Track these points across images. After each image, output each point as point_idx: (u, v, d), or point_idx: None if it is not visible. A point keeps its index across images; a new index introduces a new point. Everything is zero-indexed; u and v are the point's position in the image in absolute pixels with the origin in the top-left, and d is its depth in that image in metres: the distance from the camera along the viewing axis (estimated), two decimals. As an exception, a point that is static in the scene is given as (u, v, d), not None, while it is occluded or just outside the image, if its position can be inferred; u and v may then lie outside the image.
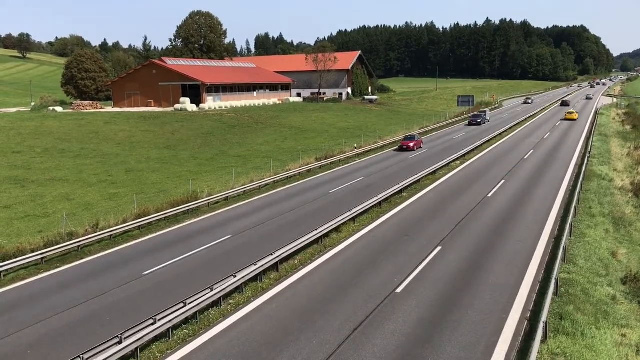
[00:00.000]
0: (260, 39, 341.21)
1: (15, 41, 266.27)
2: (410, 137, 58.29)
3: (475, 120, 78.88)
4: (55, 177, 42.69)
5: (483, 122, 79.29)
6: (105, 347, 15.06)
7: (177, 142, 61.02)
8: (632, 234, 28.36)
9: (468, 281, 20.38)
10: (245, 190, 36.91)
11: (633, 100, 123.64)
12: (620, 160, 49.30)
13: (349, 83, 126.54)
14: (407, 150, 54.97)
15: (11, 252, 23.78)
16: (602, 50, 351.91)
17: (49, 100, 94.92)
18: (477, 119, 79.42)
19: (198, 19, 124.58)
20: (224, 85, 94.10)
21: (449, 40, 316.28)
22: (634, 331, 17.28)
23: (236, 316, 18.18)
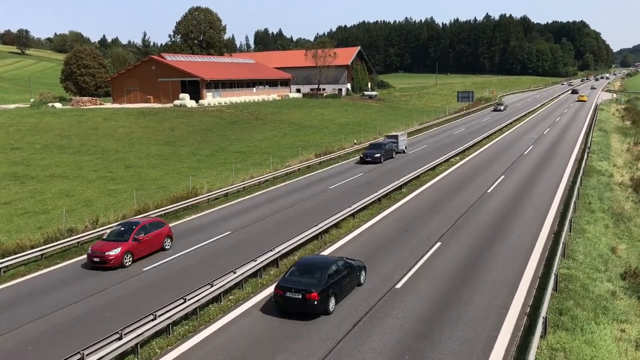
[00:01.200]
0: (260, 34, 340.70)
1: (14, 37, 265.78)
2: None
3: (372, 156, 45.74)
4: (55, 173, 42.66)
5: (386, 156, 46.96)
6: (105, 343, 15.08)
7: (176, 138, 60.95)
8: (632, 230, 28.39)
9: (468, 277, 20.40)
10: (244, 187, 36.89)
11: (633, 96, 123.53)
12: (620, 156, 49.30)
13: (349, 79, 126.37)
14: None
15: (11, 249, 23.77)
16: (601, 45, 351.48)
17: (48, 96, 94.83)
18: (375, 152, 45.99)
19: (197, 15, 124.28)
20: (224, 81, 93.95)
21: (449, 36, 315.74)
22: (633, 326, 17.30)
23: (236, 312, 18.19)
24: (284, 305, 17.64)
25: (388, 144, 48.21)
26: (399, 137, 50.92)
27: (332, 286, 17.65)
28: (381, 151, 46.03)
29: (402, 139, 51.73)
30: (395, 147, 49.35)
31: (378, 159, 45.27)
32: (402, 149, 51.07)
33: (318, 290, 17.17)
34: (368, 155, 45.75)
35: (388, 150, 47.30)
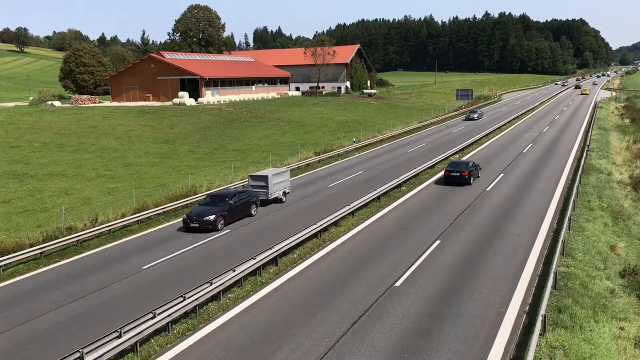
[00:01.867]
0: (259, 32, 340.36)
1: (13, 35, 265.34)
2: None
3: (200, 217, 27.18)
4: (54, 171, 42.63)
5: (233, 215, 28.54)
6: (104, 341, 15.07)
7: (175, 137, 60.92)
8: (631, 228, 28.41)
9: (467, 275, 20.41)
10: (243, 185, 36.84)
11: (632, 94, 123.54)
12: (619, 154, 49.31)
13: (348, 77, 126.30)
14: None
15: (10, 247, 23.76)
16: (601, 43, 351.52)
17: (47, 94, 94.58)
18: (207, 212, 27.43)
19: (196, 13, 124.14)
20: (223, 80, 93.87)
21: (448, 34, 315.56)
22: (632, 324, 17.32)
23: (235, 310, 18.19)
24: (451, 180, 35.50)
25: (243, 195, 29.53)
26: (269, 179, 31.04)
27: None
28: (221, 209, 27.52)
29: (277, 180, 31.94)
30: (264, 195, 31.07)
31: (208, 224, 26.79)
32: (278, 195, 32.00)
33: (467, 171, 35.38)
34: (194, 217, 27.04)
35: (238, 206, 28.66)
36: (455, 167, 35.94)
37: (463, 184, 35.58)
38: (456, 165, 36.41)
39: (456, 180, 35.24)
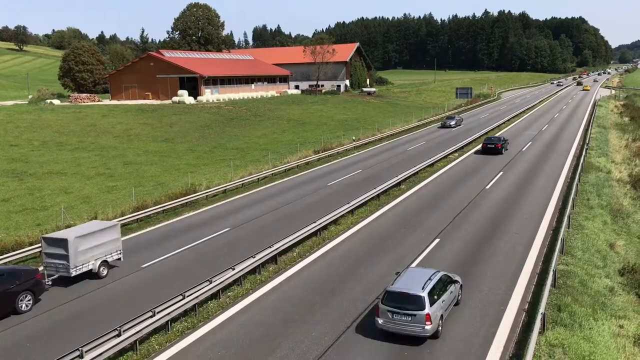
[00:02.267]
0: (258, 31, 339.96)
1: (11, 33, 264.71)
2: None
3: None
4: (53, 170, 42.60)
5: None
6: (104, 339, 15.08)
7: (175, 135, 60.88)
8: (630, 226, 28.43)
9: (466, 273, 20.41)
10: (243, 183, 36.88)
11: (631, 92, 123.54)
12: (619, 152, 49.32)
13: (347, 75, 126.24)
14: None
15: (9, 246, 23.76)
16: (600, 41, 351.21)
17: (46, 93, 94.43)
18: None
19: (195, 11, 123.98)
20: (222, 78, 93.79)
21: (447, 32, 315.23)
22: (631, 322, 17.34)
23: (235, 309, 18.21)
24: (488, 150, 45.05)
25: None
26: (70, 245, 19.91)
27: None
28: None
29: (89, 244, 20.75)
30: (64, 270, 20.23)
31: None
32: (93, 267, 20.83)
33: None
34: None
35: None
36: (491, 141, 47.75)
37: (497, 154, 46.37)
38: (491, 139, 48.27)
39: (492, 150, 46.76)
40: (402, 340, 15.53)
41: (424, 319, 15.03)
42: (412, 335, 15.32)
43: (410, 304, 15.28)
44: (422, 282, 15.88)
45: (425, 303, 15.12)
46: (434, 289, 15.78)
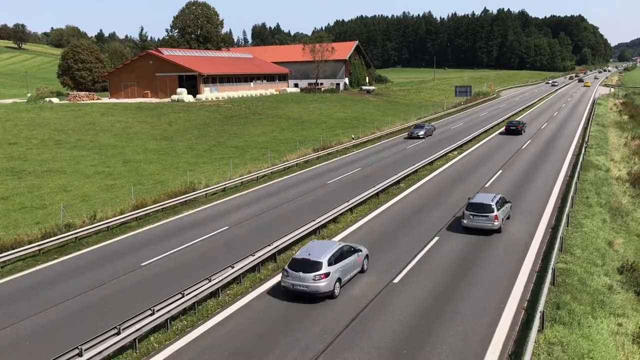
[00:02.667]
0: (257, 29, 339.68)
1: (10, 32, 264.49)
2: None
3: None
4: (52, 168, 42.56)
5: None
6: (103, 338, 15.08)
7: (174, 133, 60.84)
8: (629, 224, 28.45)
9: (466, 271, 20.43)
10: (242, 181, 36.86)
11: (630, 90, 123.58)
12: (618, 150, 49.34)
13: (347, 73, 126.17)
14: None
15: (8, 244, 23.73)
16: (599, 40, 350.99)
17: (45, 91, 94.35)
18: None
19: (194, 9, 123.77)
20: (221, 76, 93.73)
21: (447, 30, 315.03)
22: (630, 320, 17.36)
23: (234, 307, 18.21)
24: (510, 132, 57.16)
25: None
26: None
27: None
28: None
29: None
30: None
31: None
32: None
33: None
34: None
35: None
36: (512, 124, 59.51)
37: (517, 134, 57.39)
38: (512, 123, 60.04)
39: (513, 132, 58.08)
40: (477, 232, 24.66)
41: (494, 218, 24.30)
42: (487, 229, 24.47)
43: (485, 210, 24.47)
44: (490, 197, 25.38)
45: (494, 209, 24.38)
46: (497, 203, 24.98)
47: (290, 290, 18.29)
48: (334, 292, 18.20)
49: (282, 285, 18.63)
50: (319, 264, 18.02)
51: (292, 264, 18.47)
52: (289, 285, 18.24)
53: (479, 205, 24.73)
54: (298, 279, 17.99)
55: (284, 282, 18.43)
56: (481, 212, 24.41)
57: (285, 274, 18.39)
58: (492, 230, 24.40)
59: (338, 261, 18.58)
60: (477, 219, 24.49)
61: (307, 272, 17.91)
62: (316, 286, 17.78)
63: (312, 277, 17.81)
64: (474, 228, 24.53)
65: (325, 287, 17.89)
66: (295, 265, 18.34)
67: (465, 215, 24.88)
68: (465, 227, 24.84)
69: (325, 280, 17.85)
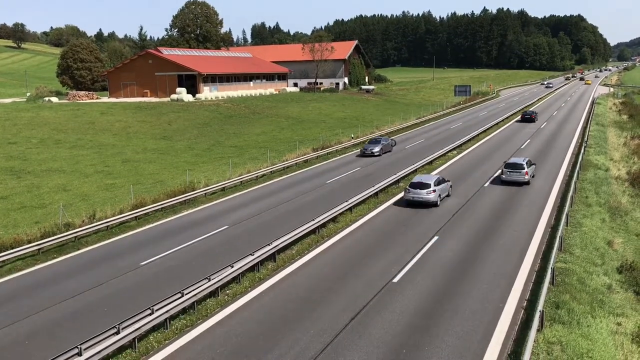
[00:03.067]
0: (257, 28, 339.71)
1: (9, 31, 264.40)
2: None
3: None
4: (52, 167, 42.55)
5: None
6: (103, 337, 15.07)
7: (173, 133, 60.83)
8: (628, 224, 28.46)
9: (465, 270, 20.44)
10: (242, 181, 36.86)
11: (629, 90, 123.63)
12: (617, 150, 49.36)
13: (346, 73, 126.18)
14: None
15: (8, 243, 23.73)
16: (599, 39, 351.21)
17: (45, 90, 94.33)
18: None
19: (194, 9, 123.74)
20: (221, 75, 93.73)
21: (446, 30, 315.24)
22: (630, 320, 17.37)
23: (234, 306, 18.21)
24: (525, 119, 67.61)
25: None
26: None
27: None
28: None
29: None
30: None
31: None
32: None
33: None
34: None
35: None
36: (527, 113, 69.49)
37: (531, 122, 66.86)
38: (527, 112, 69.93)
39: (528, 120, 67.80)
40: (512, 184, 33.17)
41: (524, 173, 33.30)
42: (519, 182, 33.50)
43: (518, 168, 33.55)
44: (522, 159, 34.68)
45: (525, 167, 33.44)
46: (527, 163, 34.07)
47: (410, 201, 29.08)
48: (437, 202, 29.01)
49: (404, 199, 29.66)
50: (430, 184, 28.92)
51: (412, 185, 29.29)
52: (410, 198, 29.09)
53: (513, 164, 33.79)
54: (417, 194, 28.76)
55: (407, 196, 29.30)
56: (515, 169, 33.30)
57: (408, 191, 29.28)
58: (523, 183, 33.27)
59: (438, 185, 29.32)
60: (512, 174, 33.34)
61: (423, 189, 28.75)
62: (428, 197, 28.60)
63: (426, 192, 28.68)
64: (510, 181, 33.43)
65: (434, 198, 28.69)
66: (414, 185, 29.12)
67: (504, 172, 33.87)
68: (503, 181, 33.75)
69: (434, 194, 28.68)
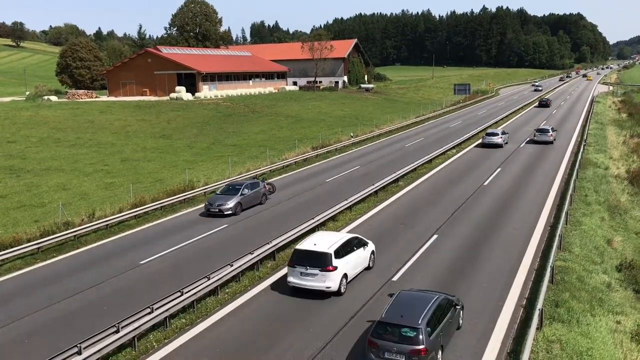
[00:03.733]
0: (256, 27, 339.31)
1: (8, 30, 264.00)
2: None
3: None
4: (51, 166, 42.53)
5: None
6: (102, 336, 15.07)
7: (172, 131, 60.80)
8: (628, 222, 28.48)
9: (464, 269, 20.45)
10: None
11: (629, 88, 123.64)
12: (616, 148, 49.37)
13: (345, 71, 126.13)
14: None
15: (7, 242, 23.73)
16: (598, 38, 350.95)
17: (44, 89, 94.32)
18: None
19: (193, 7, 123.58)
20: (220, 74, 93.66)
21: (446, 28, 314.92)
22: (629, 318, 17.39)
23: (233, 305, 18.21)
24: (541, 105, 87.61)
25: None
26: None
27: None
28: None
29: None
30: None
31: None
32: None
33: None
34: None
35: None
36: (543, 100, 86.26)
37: (547, 107, 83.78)
38: (543, 99, 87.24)
39: (544, 105, 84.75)
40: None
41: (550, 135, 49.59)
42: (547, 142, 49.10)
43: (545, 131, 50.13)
44: (549, 126, 53.85)
45: (550, 130, 50.30)
46: (552, 129, 51.13)
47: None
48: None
49: None
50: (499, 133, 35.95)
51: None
52: None
53: (542, 129, 49.89)
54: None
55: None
56: (543, 132, 49.21)
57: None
58: (549, 142, 48.45)
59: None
60: (541, 136, 48.90)
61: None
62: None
63: None
64: (540, 141, 48.58)
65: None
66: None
67: (536, 134, 49.49)
68: (534, 141, 48.80)
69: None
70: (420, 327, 13.37)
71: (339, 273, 18.06)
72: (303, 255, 18.35)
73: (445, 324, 14.35)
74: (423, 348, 13.13)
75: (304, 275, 18.22)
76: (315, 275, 17.94)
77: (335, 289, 17.94)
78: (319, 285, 17.98)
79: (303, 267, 18.14)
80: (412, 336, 13.28)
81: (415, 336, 13.25)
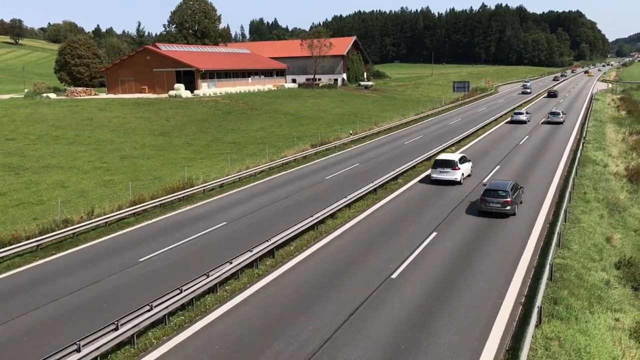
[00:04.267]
0: (255, 24, 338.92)
1: (7, 27, 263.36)
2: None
3: None
4: (50, 164, 42.48)
5: None
6: (101, 333, 15.07)
7: (171, 129, 60.75)
8: (626, 219, 28.52)
9: (463, 267, 20.46)
10: (240, 177, 36.83)
11: (628, 86, 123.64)
12: (615, 146, 49.40)
13: (344, 69, 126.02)
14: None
15: (6, 240, 23.69)
16: (597, 35, 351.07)
17: (42, 86, 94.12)
18: None
19: (192, 5, 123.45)
20: (219, 71, 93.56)
21: (445, 26, 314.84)
22: (627, 315, 17.42)
23: (232, 302, 18.22)
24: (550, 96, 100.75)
25: None
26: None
27: None
28: None
29: None
30: None
31: None
32: None
33: None
34: None
35: None
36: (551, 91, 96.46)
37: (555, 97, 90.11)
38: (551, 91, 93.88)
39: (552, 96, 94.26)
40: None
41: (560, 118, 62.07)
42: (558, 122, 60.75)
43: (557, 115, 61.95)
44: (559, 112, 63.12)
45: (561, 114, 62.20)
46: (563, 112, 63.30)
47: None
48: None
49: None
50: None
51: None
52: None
53: (554, 112, 60.94)
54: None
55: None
56: (555, 115, 60.41)
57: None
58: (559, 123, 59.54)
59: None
60: (554, 117, 60.24)
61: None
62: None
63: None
64: (552, 122, 59.64)
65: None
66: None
67: (549, 116, 60.26)
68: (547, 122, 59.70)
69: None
70: (508, 190, 26.12)
71: (460, 172, 32.70)
72: (441, 162, 33.15)
73: (517, 193, 27.04)
74: (510, 200, 25.77)
75: (441, 173, 32.74)
76: (448, 172, 32.61)
77: (459, 180, 32.65)
78: (450, 177, 32.60)
79: (441, 168, 32.72)
80: (504, 194, 25.91)
81: (506, 194, 25.86)
